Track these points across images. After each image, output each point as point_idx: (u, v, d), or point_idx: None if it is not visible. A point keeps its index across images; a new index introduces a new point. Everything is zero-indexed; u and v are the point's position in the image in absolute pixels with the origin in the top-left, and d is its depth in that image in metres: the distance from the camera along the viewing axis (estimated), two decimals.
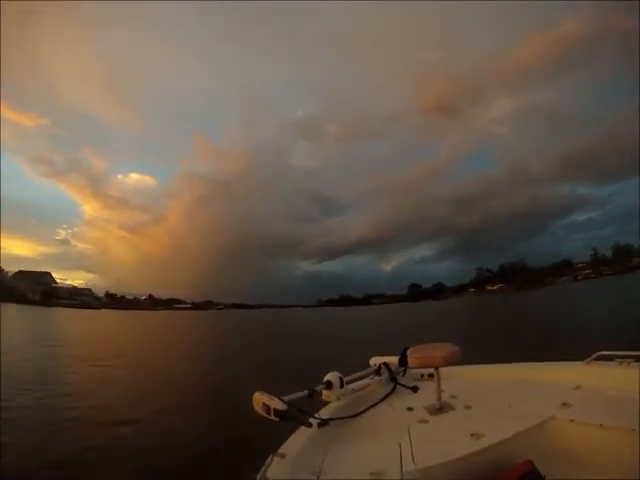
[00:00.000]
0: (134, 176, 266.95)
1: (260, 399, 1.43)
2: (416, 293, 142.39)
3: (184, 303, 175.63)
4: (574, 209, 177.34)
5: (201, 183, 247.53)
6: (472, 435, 1.30)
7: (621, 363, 1.64)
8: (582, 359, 1.77)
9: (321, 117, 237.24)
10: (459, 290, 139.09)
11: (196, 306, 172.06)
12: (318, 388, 1.79)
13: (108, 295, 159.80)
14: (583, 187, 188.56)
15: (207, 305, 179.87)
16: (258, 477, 1.07)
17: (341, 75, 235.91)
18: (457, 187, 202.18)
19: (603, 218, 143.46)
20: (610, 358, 1.72)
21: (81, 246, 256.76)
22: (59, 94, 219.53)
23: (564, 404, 1.43)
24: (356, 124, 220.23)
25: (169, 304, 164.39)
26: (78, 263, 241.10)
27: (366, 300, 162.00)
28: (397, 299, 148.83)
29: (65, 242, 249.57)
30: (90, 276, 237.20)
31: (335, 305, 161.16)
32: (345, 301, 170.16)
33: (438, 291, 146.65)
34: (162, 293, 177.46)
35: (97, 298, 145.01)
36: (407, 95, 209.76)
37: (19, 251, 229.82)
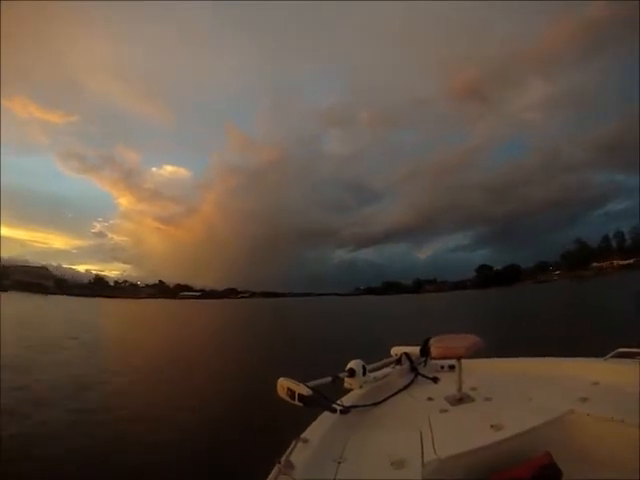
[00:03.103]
0: (168, 168, 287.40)
1: (285, 385, 1.44)
2: (486, 278, 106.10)
3: (193, 290, 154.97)
4: (610, 197, 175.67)
5: (234, 173, 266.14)
6: (492, 426, 1.34)
7: None
8: None
9: (352, 104, 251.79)
10: (535, 273, 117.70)
11: (206, 294, 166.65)
12: (341, 375, 1.84)
13: (97, 279, 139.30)
14: (619, 174, 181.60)
15: (229, 293, 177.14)
16: (282, 460, 1.10)
17: (370, 62, 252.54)
18: (490, 175, 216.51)
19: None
20: (631, 355, 1.74)
21: (116, 238, 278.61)
22: (87, 92, 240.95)
23: (583, 399, 1.47)
24: (388, 111, 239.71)
25: (174, 292, 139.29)
26: (114, 255, 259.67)
27: (417, 287, 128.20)
28: (458, 286, 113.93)
29: (101, 235, 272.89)
30: (126, 267, 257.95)
31: (377, 293, 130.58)
32: (390, 288, 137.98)
33: (510, 275, 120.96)
34: (192, 282, 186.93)
35: (60, 280, 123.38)
36: (437, 81, 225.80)
37: (56, 245, 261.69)
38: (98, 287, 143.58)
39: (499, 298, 48.78)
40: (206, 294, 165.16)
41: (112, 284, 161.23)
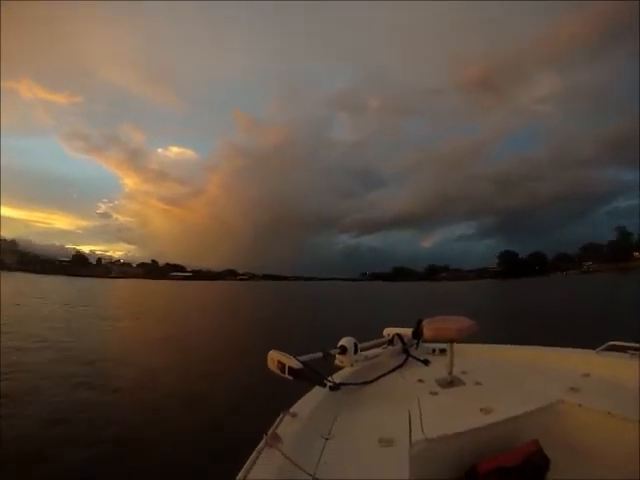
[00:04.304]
0: (174, 149, 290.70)
1: (275, 357, 1.47)
2: (509, 266, 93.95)
3: (185, 271, 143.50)
4: (617, 194, 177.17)
5: (240, 156, 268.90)
6: (481, 410, 1.38)
7: (632, 355, 1.74)
8: None
9: (362, 91, 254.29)
10: (556, 264, 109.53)
11: (200, 275, 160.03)
12: (332, 352, 1.84)
13: (78, 256, 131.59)
14: (628, 172, 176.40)
15: (228, 275, 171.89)
16: (269, 433, 1.12)
17: (382, 51, 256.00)
18: (499, 167, 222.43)
19: None
20: (622, 349, 1.80)
21: (122, 219, 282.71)
22: (94, 73, 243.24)
23: (572, 389, 1.52)
24: (398, 97, 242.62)
25: (165, 272, 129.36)
26: (119, 235, 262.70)
27: (430, 274, 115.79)
28: (478, 274, 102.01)
29: (106, 215, 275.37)
30: (131, 247, 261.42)
31: (385, 279, 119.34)
32: (399, 275, 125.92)
33: (536, 264, 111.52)
34: (195, 263, 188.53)
35: (31, 256, 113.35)
36: (449, 72, 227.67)
37: (60, 225, 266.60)
38: (73, 265, 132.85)
39: (551, 291, 38.83)
40: (200, 275, 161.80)
41: (94, 262, 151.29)
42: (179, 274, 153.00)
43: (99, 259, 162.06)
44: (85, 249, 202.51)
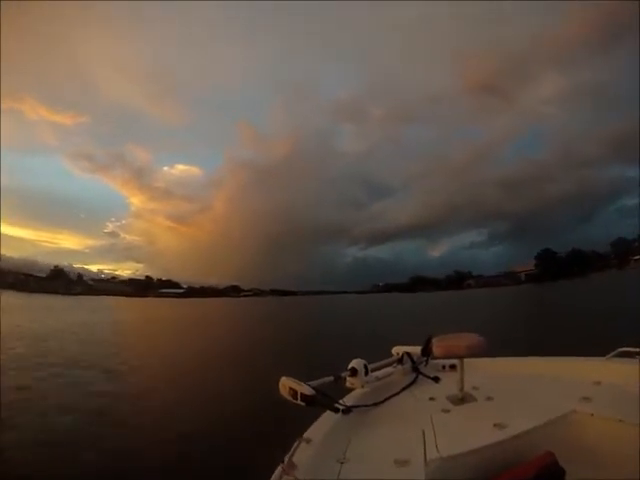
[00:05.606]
0: (180, 167, 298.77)
1: (287, 384, 1.51)
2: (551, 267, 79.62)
3: (179, 287, 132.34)
4: (624, 192, 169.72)
5: (246, 171, 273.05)
6: (495, 425, 1.39)
7: None
8: None
9: (366, 100, 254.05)
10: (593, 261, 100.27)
11: (194, 292, 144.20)
12: (343, 375, 1.95)
13: (55, 270, 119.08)
14: (632, 169, 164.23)
15: (231, 291, 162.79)
16: (285, 461, 1.14)
17: (384, 57, 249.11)
18: (506, 170, 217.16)
19: None
20: (632, 355, 1.85)
21: (129, 238, 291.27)
22: (98, 91, 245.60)
23: (584, 398, 1.52)
24: (401, 105, 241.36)
25: (155, 288, 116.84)
26: (127, 254, 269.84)
27: (458, 282, 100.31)
28: (510, 279, 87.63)
29: (113, 234, 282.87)
30: (139, 266, 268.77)
31: (401, 290, 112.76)
32: (417, 284, 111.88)
33: (578, 263, 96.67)
34: (200, 281, 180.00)
35: None
36: (452, 76, 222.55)
37: (68, 245, 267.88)
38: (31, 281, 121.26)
39: None
40: (196, 292, 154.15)
41: (74, 278, 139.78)
42: (170, 291, 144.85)
43: (80, 275, 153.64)
44: (93, 268, 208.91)
